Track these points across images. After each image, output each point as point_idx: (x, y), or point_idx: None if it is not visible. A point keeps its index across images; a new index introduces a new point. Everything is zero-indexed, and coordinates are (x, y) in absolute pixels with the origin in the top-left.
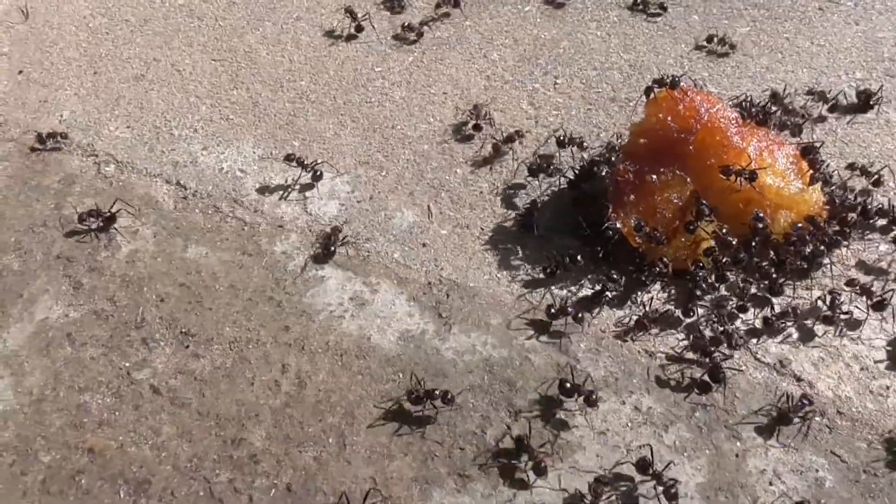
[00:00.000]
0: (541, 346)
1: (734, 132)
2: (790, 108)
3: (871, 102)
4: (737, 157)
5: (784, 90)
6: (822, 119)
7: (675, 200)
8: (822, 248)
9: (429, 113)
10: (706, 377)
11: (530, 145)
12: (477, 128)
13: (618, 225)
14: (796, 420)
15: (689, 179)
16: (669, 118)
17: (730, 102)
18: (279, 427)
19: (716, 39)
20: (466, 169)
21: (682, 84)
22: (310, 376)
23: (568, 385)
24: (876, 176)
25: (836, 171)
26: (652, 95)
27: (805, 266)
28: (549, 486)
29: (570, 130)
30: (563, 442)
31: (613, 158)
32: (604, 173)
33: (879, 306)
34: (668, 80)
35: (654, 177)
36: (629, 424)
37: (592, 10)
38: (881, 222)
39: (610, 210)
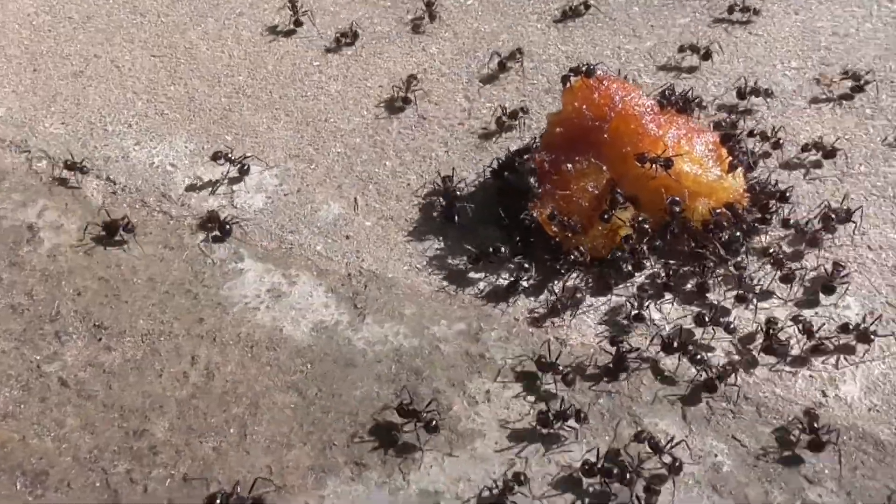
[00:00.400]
0: (452, 336)
1: (649, 120)
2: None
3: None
4: (653, 144)
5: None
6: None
7: (591, 189)
8: (739, 234)
9: (363, 106)
10: (612, 364)
11: (464, 137)
12: (406, 100)
13: (534, 214)
14: (723, 387)
15: (604, 168)
16: (584, 107)
17: (655, 92)
18: (183, 418)
19: (738, 9)
20: (396, 161)
21: (598, 72)
22: (218, 367)
23: (544, 416)
24: (775, 139)
25: (757, 157)
26: (568, 84)
27: (725, 253)
28: (444, 473)
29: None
30: (464, 429)
31: (534, 148)
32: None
33: (786, 279)
34: (583, 69)
35: (570, 166)
36: (531, 412)
37: (534, 3)
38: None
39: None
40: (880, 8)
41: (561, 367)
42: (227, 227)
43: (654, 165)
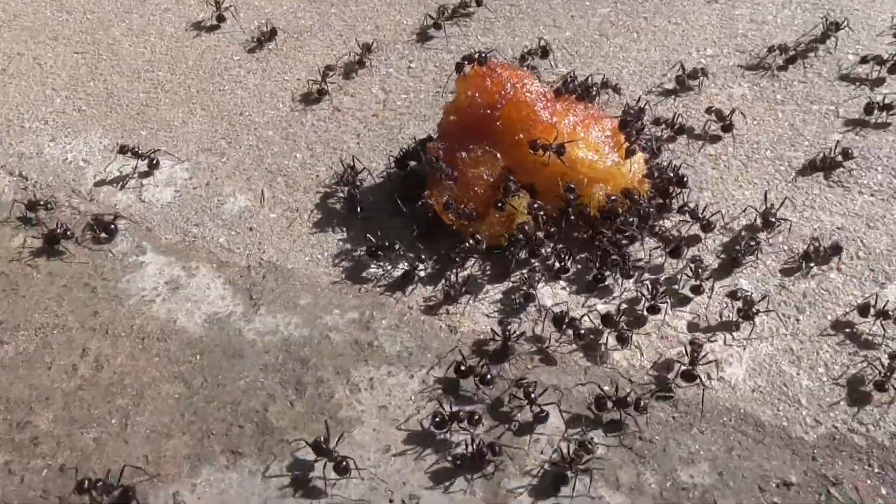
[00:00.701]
0: (343, 325)
1: (542, 107)
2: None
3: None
4: (546, 131)
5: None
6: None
7: (487, 177)
8: (633, 219)
9: (279, 99)
10: (499, 348)
11: (377, 128)
12: (321, 92)
13: (430, 203)
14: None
15: (499, 155)
16: (477, 95)
17: (559, 80)
18: (67, 409)
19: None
20: (307, 153)
21: (491, 60)
22: (108, 359)
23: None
24: (678, 125)
25: (660, 143)
26: (462, 73)
27: (620, 238)
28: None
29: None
30: (343, 416)
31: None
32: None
33: (675, 253)
34: (476, 57)
35: (464, 154)
36: (412, 398)
37: None
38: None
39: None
40: None
41: (480, 370)
42: (112, 227)
43: (546, 152)
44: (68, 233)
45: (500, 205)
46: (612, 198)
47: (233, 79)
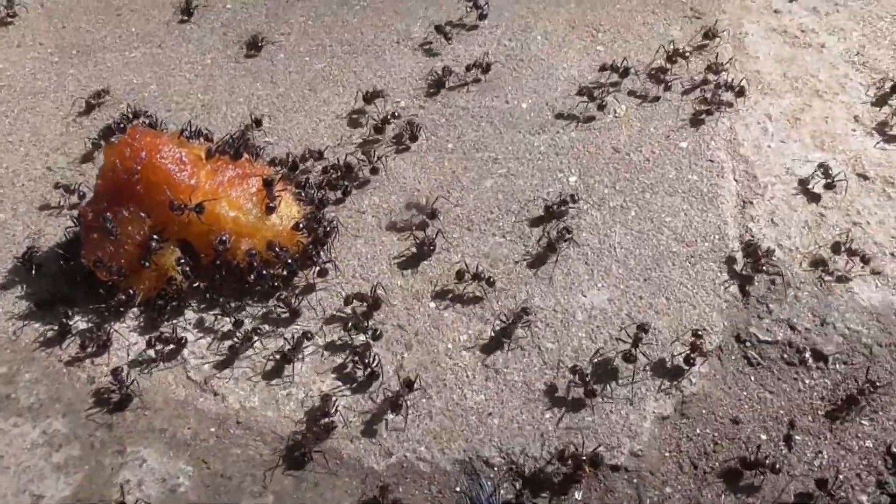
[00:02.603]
0: None
1: (177, 170)
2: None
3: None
4: (187, 192)
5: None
6: None
7: (137, 236)
8: (264, 270)
9: None
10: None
11: (82, 189)
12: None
13: (83, 261)
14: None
15: (145, 216)
16: (118, 161)
17: (217, 142)
18: None
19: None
20: (10, 213)
21: (136, 127)
22: None
23: None
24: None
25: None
26: (110, 140)
27: (267, 286)
28: None
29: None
30: None
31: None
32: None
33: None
34: (115, 126)
35: (111, 215)
36: (29, 447)
37: (192, 54)
38: None
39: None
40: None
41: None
42: None
43: (184, 212)
44: None
45: (143, 262)
46: (252, 252)
47: None
